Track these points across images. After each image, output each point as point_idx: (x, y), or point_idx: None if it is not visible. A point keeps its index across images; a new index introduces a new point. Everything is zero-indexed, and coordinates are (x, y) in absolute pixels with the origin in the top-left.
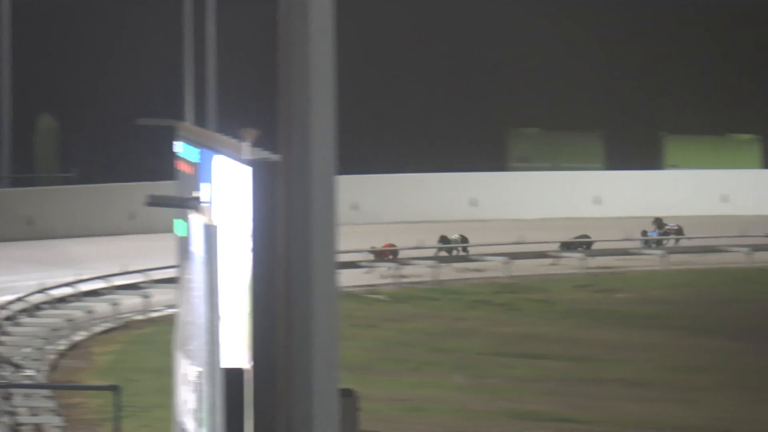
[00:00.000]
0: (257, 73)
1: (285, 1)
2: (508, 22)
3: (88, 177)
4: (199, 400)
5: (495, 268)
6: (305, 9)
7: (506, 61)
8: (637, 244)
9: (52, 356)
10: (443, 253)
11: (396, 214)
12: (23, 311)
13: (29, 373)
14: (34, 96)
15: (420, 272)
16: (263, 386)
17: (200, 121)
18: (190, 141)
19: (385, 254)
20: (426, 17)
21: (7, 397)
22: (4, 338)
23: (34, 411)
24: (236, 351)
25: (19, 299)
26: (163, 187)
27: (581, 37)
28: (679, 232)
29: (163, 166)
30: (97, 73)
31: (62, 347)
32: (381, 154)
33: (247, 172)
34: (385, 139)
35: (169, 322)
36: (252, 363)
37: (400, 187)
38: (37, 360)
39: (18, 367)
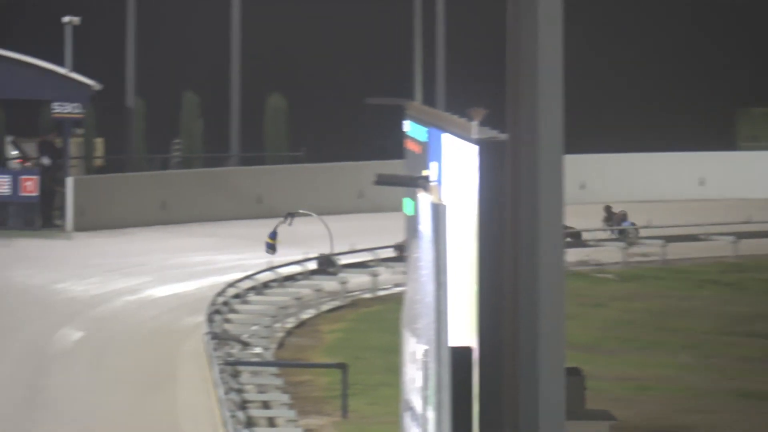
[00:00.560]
0: (486, 52)
1: None
2: None
3: (316, 156)
4: (426, 378)
5: (723, 248)
6: None
7: (735, 39)
8: None
9: (279, 334)
10: (669, 232)
11: (623, 194)
12: (251, 289)
13: (257, 350)
14: (262, 75)
15: (648, 251)
16: (489, 365)
17: (429, 100)
18: (419, 120)
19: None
20: None
21: (236, 375)
22: (232, 316)
23: (261, 388)
24: (463, 330)
25: (247, 277)
26: (392, 166)
27: None
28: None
29: (392, 145)
30: (325, 52)
31: (290, 325)
32: (608, 133)
33: (474, 151)
34: (613, 118)
35: (396, 300)
36: (478, 342)
37: (627, 167)
38: (264, 338)
39: (246, 344)
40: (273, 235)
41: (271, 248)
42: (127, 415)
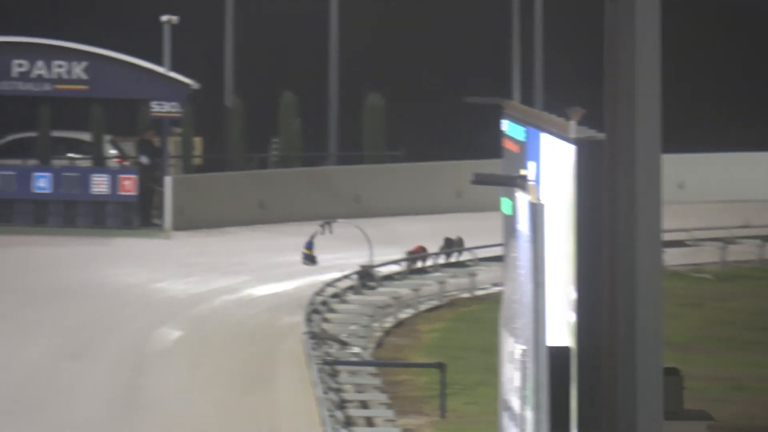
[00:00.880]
0: (584, 51)
1: None
2: None
3: (414, 155)
4: (524, 378)
5: None
6: None
7: None
8: None
9: (378, 334)
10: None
11: (722, 193)
12: (350, 288)
13: (355, 350)
14: (360, 74)
15: (746, 251)
16: (587, 364)
17: (527, 99)
18: (517, 120)
19: None
20: None
21: (334, 374)
22: (330, 315)
23: (360, 388)
24: (561, 329)
25: (345, 277)
26: (490, 166)
27: None
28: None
29: (490, 145)
30: (423, 52)
31: (388, 325)
32: (707, 132)
33: (572, 150)
34: (711, 117)
35: (494, 300)
36: (576, 341)
37: (725, 166)
38: (363, 337)
39: (344, 344)
40: (309, 245)
41: (309, 259)
42: (225, 414)
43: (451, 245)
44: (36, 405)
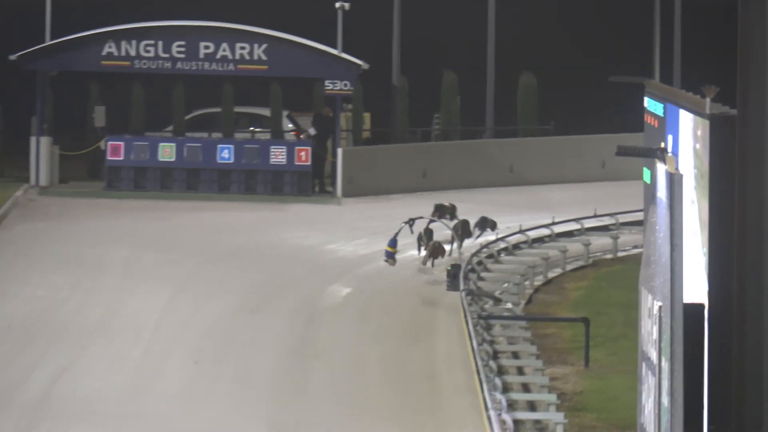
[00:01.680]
0: (719, 33)
1: None
2: None
3: (563, 129)
4: (661, 332)
5: None
6: None
7: None
8: None
9: (528, 291)
10: None
11: None
12: (503, 250)
13: (508, 306)
14: (515, 55)
15: None
16: (719, 321)
17: (666, 78)
18: (656, 97)
19: None
20: None
21: (488, 328)
22: (486, 274)
23: (511, 340)
24: (695, 288)
25: (499, 239)
26: (632, 139)
27: None
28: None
29: (632, 120)
30: (572, 34)
31: (538, 283)
32: None
33: (707, 125)
34: None
35: (634, 261)
36: (709, 299)
37: None
38: (515, 294)
39: (498, 300)
40: (393, 243)
41: (391, 257)
42: (390, 362)
43: (444, 211)
44: (219, 356)
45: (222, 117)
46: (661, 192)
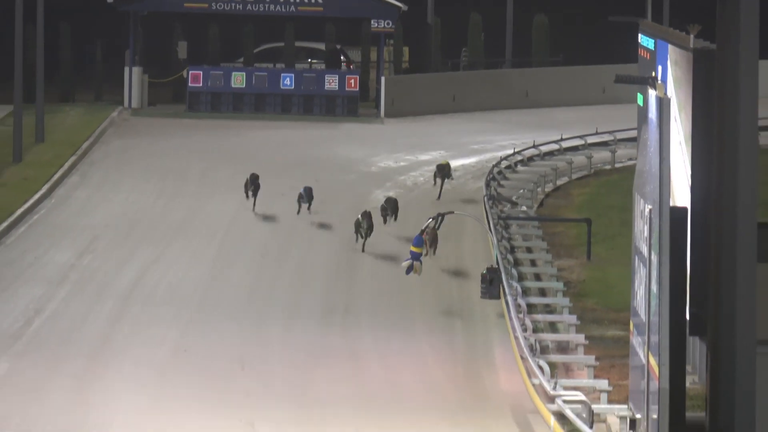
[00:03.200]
0: None
1: None
2: None
3: (570, 60)
4: (651, 230)
5: None
6: None
7: None
8: None
9: (540, 196)
10: None
11: None
12: (519, 162)
13: (523, 208)
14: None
15: None
16: (699, 222)
17: (657, 18)
18: (648, 33)
19: None
20: None
21: (507, 227)
22: (504, 182)
23: (526, 237)
24: (680, 194)
25: (516, 153)
26: (627, 69)
27: None
28: None
29: (628, 53)
30: None
31: (548, 189)
32: None
33: (690, 57)
34: None
35: (629, 171)
36: (691, 204)
37: None
38: (528, 198)
39: (514, 204)
40: (418, 242)
41: (417, 259)
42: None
43: (444, 172)
44: (282, 252)
45: (284, 51)
46: (652, 113)
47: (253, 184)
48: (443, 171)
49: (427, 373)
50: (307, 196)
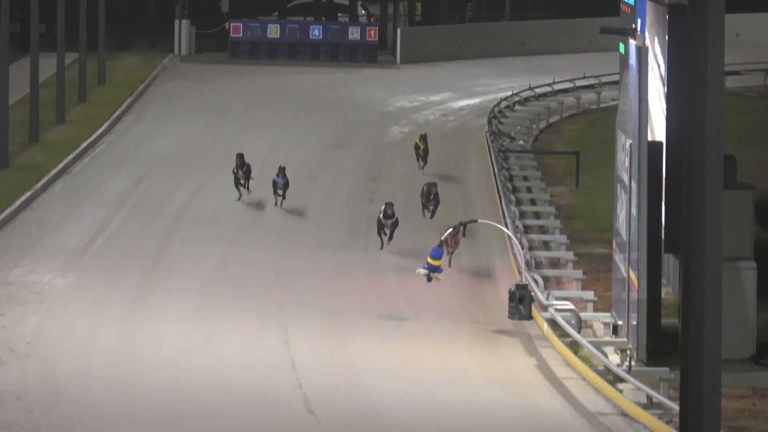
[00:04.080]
0: None
1: None
2: None
3: (562, 14)
4: (631, 162)
5: None
6: None
7: None
8: None
9: (535, 132)
10: None
11: (765, 39)
12: (517, 102)
13: (520, 142)
14: None
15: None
16: (672, 154)
17: None
18: None
19: None
20: None
21: (506, 158)
22: (504, 120)
23: (522, 167)
24: (657, 129)
25: (514, 94)
26: (611, 22)
27: None
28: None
29: (611, 7)
30: None
31: (542, 126)
32: None
33: (665, 11)
34: None
35: (612, 110)
36: (666, 139)
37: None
38: (524, 134)
39: (513, 138)
40: (437, 254)
41: (436, 271)
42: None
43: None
44: (312, 178)
45: (313, 5)
46: (632, 60)
47: (244, 166)
48: (424, 142)
49: (438, 286)
50: (282, 185)
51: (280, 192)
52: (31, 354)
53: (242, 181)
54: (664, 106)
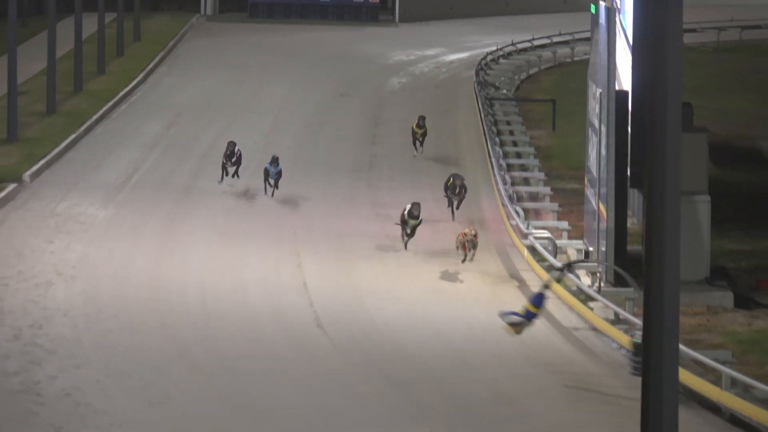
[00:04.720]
0: None
1: None
2: None
3: None
4: (601, 108)
5: None
6: None
7: None
8: None
9: (516, 82)
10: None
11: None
12: (501, 56)
13: (504, 91)
14: None
15: (732, 35)
16: (637, 101)
17: None
18: None
19: None
20: None
21: (491, 106)
22: (489, 72)
23: (506, 113)
24: (624, 80)
25: (498, 49)
26: None
27: None
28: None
29: None
30: None
31: (522, 77)
32: None
33: None
34: None
35: (585, 63)
36: (632, 89)
37: None
38: (507, 84)
39: (497, 88)
40: (538, 301)
41: (531, 318)
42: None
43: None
44: (322, 123)
45: None
46: (602, 19)
47: (234, 156)
48: (422, 127)
49: (430, 216)
50: (275, 174)
51: (271, 181)
52: (76, 276)
53: (228, 169)
54: (631, 59)
